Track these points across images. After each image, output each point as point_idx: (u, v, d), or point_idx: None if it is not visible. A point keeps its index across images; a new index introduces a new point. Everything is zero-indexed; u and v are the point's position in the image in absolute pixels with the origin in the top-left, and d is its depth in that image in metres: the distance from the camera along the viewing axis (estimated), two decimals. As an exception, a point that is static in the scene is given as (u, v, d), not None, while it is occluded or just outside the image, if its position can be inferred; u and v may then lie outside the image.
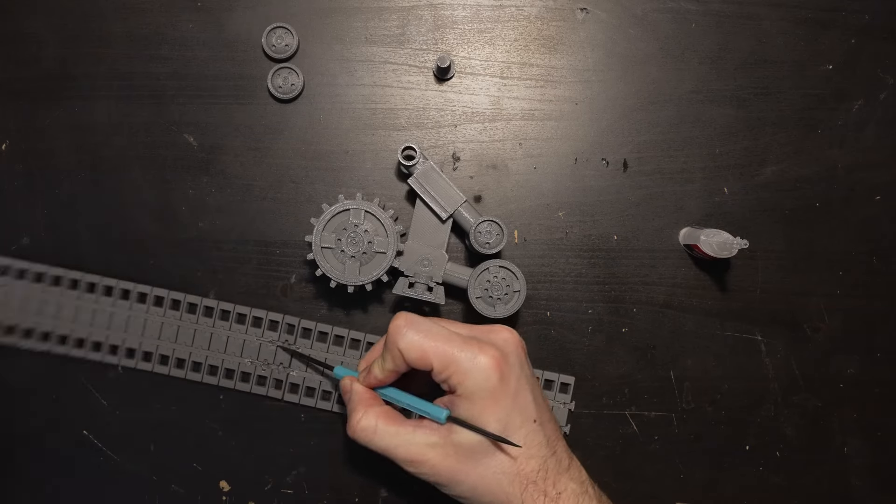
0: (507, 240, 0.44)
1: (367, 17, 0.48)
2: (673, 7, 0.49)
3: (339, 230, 0.43)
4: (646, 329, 0.48)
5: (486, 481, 0.37)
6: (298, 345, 0.47)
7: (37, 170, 0.47)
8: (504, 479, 0.36)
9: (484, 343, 0.38)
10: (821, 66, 0.49)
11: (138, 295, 0.47)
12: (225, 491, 0.47)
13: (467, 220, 0.44)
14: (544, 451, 0.37)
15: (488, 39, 0.49)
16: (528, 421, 0.37)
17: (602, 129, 0.49)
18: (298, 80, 0.47)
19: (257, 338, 0.47)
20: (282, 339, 0.47)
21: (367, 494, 0.48)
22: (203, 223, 0.47)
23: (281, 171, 0.48)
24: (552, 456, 0.37)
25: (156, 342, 0.47)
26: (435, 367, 0.37)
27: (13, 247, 0.47)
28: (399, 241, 0.43)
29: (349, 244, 0.43)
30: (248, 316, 0.47)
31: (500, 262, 0.43)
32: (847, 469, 0.49)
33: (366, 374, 0.40)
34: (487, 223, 0.44)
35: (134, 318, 0.47)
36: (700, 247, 0.45)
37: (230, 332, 0.47)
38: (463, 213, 0.44)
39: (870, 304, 0.49)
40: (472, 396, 0.37)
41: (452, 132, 0.48)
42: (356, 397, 0.40)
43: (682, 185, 0.49)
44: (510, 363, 0.38)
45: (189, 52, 0.48)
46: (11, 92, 0.47)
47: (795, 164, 0.49)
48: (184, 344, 0.47)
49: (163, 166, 0.47)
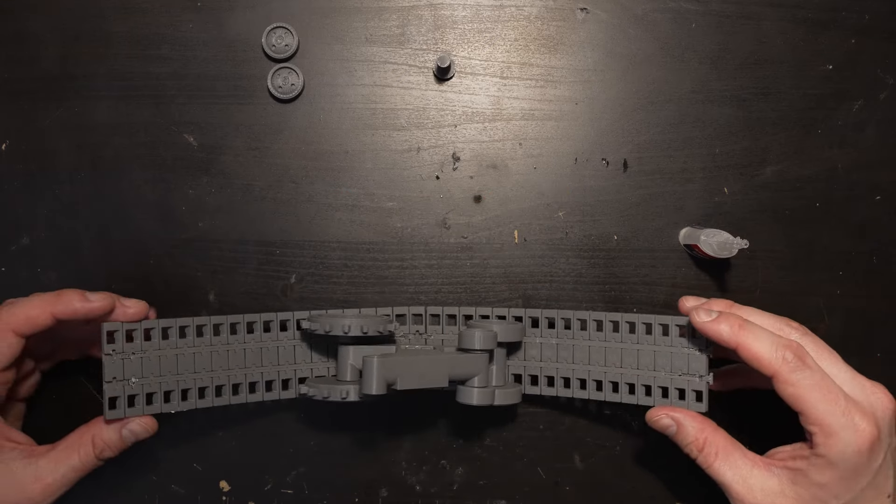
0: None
1: (367, 17, 0.48)
2: (673, 7, 0.49)
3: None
4: (646, 329, 0.48)
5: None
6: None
7: (37, 170, 0.47)
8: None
9: (864, 407, 0.35)
10: (821, 66, 0.49)
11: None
12: (225, 491, 0.47)
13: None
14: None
15: (488, 39, 0.49)
16: (881, 495, 0.35)
17: (602, 129, 0.49)
18: (298, 80, 0.47)
19: (263, 342, 0.44)
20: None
21: (367, 494, 0.48)
22: (203, 223, 0.47)
23: (281, 171, 0.48)
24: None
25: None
26: (807, 414, 0.35)
27: (13, 247, 0.47)
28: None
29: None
30: (242, 322, 0.43)
31: None
32: (847, 469, 0.49)
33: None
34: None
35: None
36: (700, 247, 0.45)
37: (229, 346, 0.43)
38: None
39: (870, 304, 0.49)
40: (835, 464, 0.34)
41: (452, 132, 0.48)
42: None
43: (682, 185, 0.49)
44: (882, 437, 0.35)
45: (189, 52, 0.48)
46: (11, 92, 0.47)
47: (795, 164, 0.49)
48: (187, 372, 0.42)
49: (163, 166, 0.47)
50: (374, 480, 0.48)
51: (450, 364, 0.41)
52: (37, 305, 0.37)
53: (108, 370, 0.38)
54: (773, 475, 0.37)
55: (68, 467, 0.38)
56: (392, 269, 0.48)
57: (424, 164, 0.48)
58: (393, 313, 0.46)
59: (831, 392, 0.35)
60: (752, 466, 0.37)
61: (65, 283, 0.46)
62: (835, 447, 0.34)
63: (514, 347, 0.45)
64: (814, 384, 0.35)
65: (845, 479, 0.35)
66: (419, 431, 0.48)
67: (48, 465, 0.37)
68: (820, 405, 0.34)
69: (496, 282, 0.48)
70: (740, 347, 0.36)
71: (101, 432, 0.38)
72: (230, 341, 0.43)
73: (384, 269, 0.48)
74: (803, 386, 0.35)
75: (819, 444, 0.35)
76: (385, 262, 0.48)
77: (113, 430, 0.38)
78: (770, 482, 0.36)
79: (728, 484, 0.37)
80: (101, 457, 0.39)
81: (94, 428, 0.39)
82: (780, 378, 0.35)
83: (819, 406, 0.34)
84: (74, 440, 0.38)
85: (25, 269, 0.47)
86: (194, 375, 0.41)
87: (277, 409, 0.47)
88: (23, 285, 0.46)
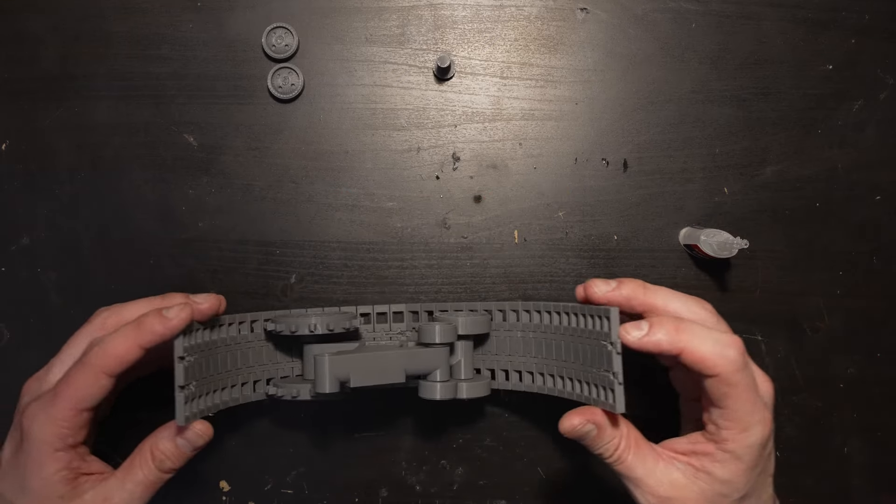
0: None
1: (367, 17, 0.48)
2: (673, 7, 0.49)
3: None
4: (646, 329, 0.48)
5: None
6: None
7: (37, 170, 0.47)
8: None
9: (764, 398, 0.36)
10: (821, 66, 0.49)
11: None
12: (225, 491, 0.47)
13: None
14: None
15: (488, 39, 0.49)
16: (767, 476, 0.37)
17: (602, 129, 0.49)
18: (298, 80, 0.47)
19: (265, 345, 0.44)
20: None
21: (367, 494, 0.48)
22: (203, 223, 0.47)
23: (281, 171, 0.48)
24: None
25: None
26: (730, 412, 0.34)
27: (13, 247, 0.47)
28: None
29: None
30: (248, 323, 0.44)
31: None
32: (847, 469, 0.49)
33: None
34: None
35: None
36: (700, 247, 0.45)
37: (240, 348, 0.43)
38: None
39: (870, 304, 0.49)
40: (741, 458, 0.35)
41: (452, 132, 0.48)
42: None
43: (682, 185, 0.49)
44: (771, 431, 0.36)
45: (189, 52, 0.48)
46: (11, 92, 0.47)
47: (795, 164, 0.49)
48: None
49: (163, 166, 0.47)
50: (374, 480, 0.48)
51: (406, 359, 0.40)
52: (122, 342, 0.36)
53: (182, 375, 0.37)
54: (677, 469, 0.36)
55: (134, 483, 0.37)
56: (392, 269, 0.48)
57: (424, 164, 0.48)
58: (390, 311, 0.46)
59: (755, 391, 0.35)
60: (658, 460, 0.36)
61: (65, 283, 0.47)
62: (745, 441, 0.34)
63: (482, 340, 0.45)
64: (748, 383, 0.34)
65: (747, 472, 0.35)
66: (419, 431, 0.48)
67: (115, 483, 0.37)
68: (747, 405, 0.34)
69: (496, 282, 0.48)
70: (684, 353, 0.35)
71: (158, 443, 0.38)
72: (232, 342, 0.43)
73: (384, 269, 0.48)
74: (741, 386, 0.34)
75: (729, 440, 0.34)
76: (385, 262, 0.48)
77: (168, 439, 0.38)
78: (675, 475, 0.36)
79: (639, 479, 0.36)
80: (162, 468, 0.38)
81: (152, 439, 0.38)
82: (722, 378, 0.34)
83: (745, 406, 0.34)
84: (137, 455, 0.38)
85: (25, 269, 0.47)
86: (237, 371, 0.42)
87: (277, 409, 0.47)
88: (23, 285, 0.47)
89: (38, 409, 0.36)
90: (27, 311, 0.47)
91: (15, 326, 0.47)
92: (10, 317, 0.47)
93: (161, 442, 0.38)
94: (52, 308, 0.47)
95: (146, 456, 0.38)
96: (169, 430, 0.38)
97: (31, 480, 0.36)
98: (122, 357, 0.36)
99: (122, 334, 0.36)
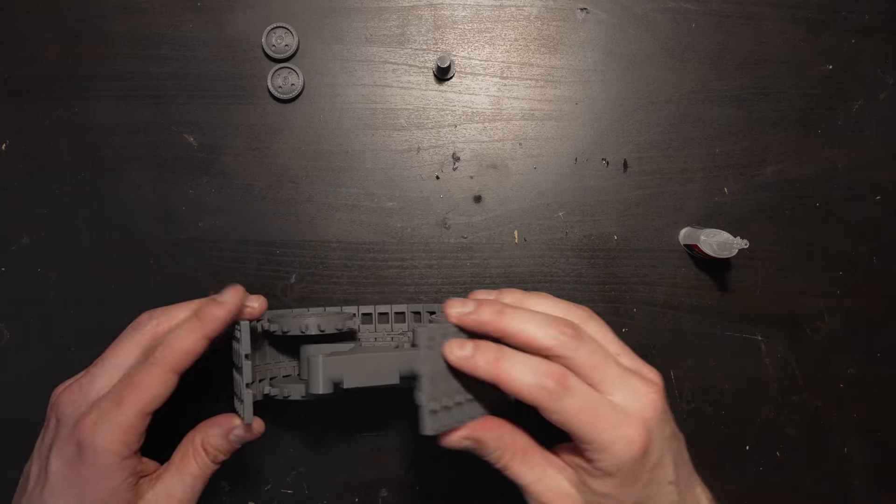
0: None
1: (367, 17, 0.48)
2: (673, 7, 0.49)
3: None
4: (646, 329, 0.48)
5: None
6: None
7: (37, 170, 0.47)
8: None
9: (633, 413, 0.34)
10: (821, 66, 0.50)
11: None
12: (225, 491, 0.47)
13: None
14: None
15: (488, 39, 0.49)
16: (663, 486, 0.35)
17: (602, 129, 0.49)
18: (298, 80, 0.47)
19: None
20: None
21: (367, 494, 0.48)
22: (203, 223, 0.47)
23: (281, 171, 0.48)
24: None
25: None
26: (577, 436, 0.34)
27: (13, 247, 0.47)
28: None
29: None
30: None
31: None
32: (847, 469, 0.49)
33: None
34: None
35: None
36: (700, 247, 0.45)
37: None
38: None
39: (870, 304, 0.49)
40: (613, 474, 0.34)
41: (452, 132, 0.48)
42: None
43: (682, 185, 0.49)
44: (654, 437, 0.35)
45: (189, 52, 0.48)
46: (11, 92, 0.47)
47: (795, 164, 0.49)
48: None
49: (163, 166, 0.47)
50: (374, 480, 0.48)
51: (400, 360, 0.39)
52: (189, 335, 0.36)
53: (250, 374, 0.37)
54: (564, 476, 0.36)
55: (190, 476, 0.38)
56: (392, 269, 0.48)
57: (424, 164, 0.48)
58: (391, 311, 0.46)
59: (598, 411, 0.34)
60: (548, 466, 0.36)
61: (65, 283, 0.47)
62: (609, 461, 0.34)
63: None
64: (579, 407, 0.34)
65: (626, 485, 0.34)
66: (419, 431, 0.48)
67: (173, 479, 0.37)
68: (587, 427, 0.34)
69: (496, 282, 0.48)
70: (499, 381, 0.34)
71: (209, 439, 0.38)
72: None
73: (384, 269, 0.48)
74: (568, 412, 0.34)
75: (594, 460, 0.34)
76: (385, 262, 0.48)
77: (220, 436, 0.38)
78: (562, 484, 0.36)
79: (526, 485, 0.36)
80: (216, 461, 0.39)
81: (201, 434, 0.39)
82: (542, 408, 0.34)
83: (587, 428, 0.34)
84: (188, 449, 0.38)
85: (25, 269, 0.47)
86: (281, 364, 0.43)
87: (277, 409, 0.47)
88: (23, 285, 0.47)
89: (99, 419, 0.35)
90: (27, 311, 0.47)
91: (15, 326, 0.47)
92: (10, 317, 0.47)
93: (213, 438, 0.38)
94: (52, 308, 0.47)
95: (198, 450, 0.38)
96: (219, 427, 0.39)
97: (97, 493, 0.35)
98: (190, 351, 0.36)
99: (186, 329, 0.36)
